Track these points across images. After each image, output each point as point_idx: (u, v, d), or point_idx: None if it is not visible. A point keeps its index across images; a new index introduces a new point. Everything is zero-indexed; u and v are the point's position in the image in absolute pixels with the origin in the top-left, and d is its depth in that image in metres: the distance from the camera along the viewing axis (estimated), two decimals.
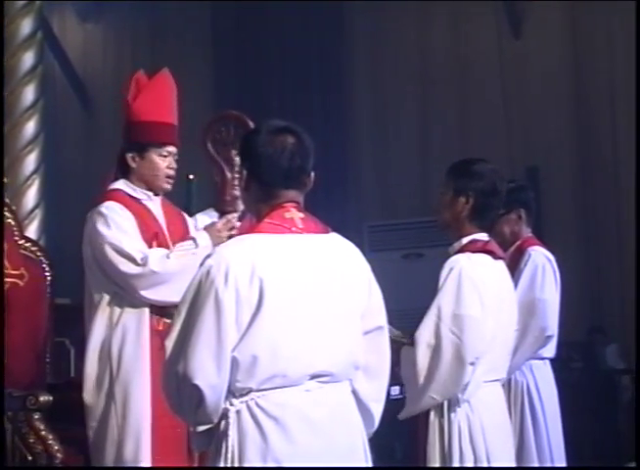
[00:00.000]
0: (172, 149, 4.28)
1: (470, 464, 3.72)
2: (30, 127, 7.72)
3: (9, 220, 4.89)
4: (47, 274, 4.95)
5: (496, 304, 3.81)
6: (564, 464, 5.21)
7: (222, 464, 2.79)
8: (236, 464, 2.77)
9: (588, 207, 10.75)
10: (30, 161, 7.69)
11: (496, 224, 4.08)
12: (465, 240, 3.88)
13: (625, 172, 10.54)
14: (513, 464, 3.96)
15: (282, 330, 2.80)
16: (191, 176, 5.03)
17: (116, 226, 4.12)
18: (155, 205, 4.30)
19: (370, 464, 2.99)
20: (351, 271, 2.97)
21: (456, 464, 3.72)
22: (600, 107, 10.73)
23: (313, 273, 2.88)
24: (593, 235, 10.67)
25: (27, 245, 4.96)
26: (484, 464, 3.73)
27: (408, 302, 5.22)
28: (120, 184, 4.26)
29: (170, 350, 2.83)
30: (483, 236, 3.91)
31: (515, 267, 5.03)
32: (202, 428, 2.85)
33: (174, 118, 4.32)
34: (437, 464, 3.75)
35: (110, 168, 4.38)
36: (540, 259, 5.30)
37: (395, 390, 3.94)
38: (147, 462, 4.02)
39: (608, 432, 9.31)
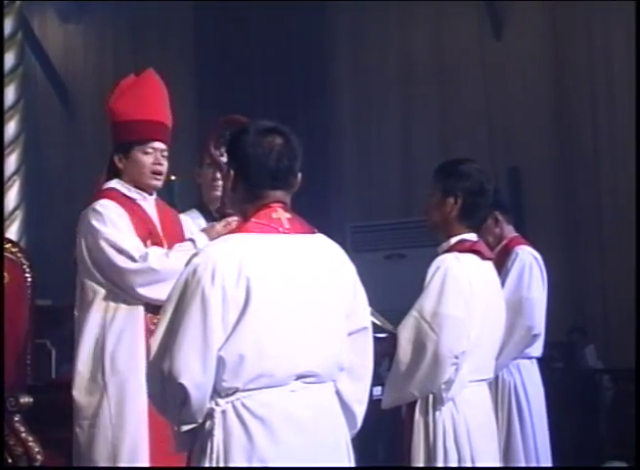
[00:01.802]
0: (158, 145, 4.22)
1: (454, 464, 3.72)
2: (11, 128, 7.71)
3: None
4: (28, 275, 4.92)
5: (483, 304, 3.81)
6: (550, 464, 5.22)
7: (207, 464, 2.78)
8: (221, 464, 2.77)
9: (570, 207, 10.77)
10: (11, 161, 7.67)
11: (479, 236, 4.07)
12: (453, 240, 3.88)
13: (606, 172, 10.58)
14: (497, 464, 3.96)
15: (269, 330, 2.79)
16: (173, 177, 5.02)
17: (112, 223, 4.09)
18: (149, 205, 4.27)
19: (353, 464, 2.99)
20: (337, 272, 2.97)
21: (440, 464, 3.72)
22: (581, 107, 10.77)
23: (300, 273, 2.87)
24: (575, 235, 10.70)
25: (8, 246, 4.93)
26: (468, 464, 3.73)
27: (390, 302, 5.21)
28: (115, 183, 4.23)
29: (156, 348, 2.81)
30: (472, 236, 3.91)
31: (502, 266, 5.04)
32: (186, 428, 2.85)
33: (160, 116, 4.26)
34: (422, 464, 3.75)
35: (94, 169, 4.35)
36: (527, 258, 5.32)
37: (378, 390, 3.93)
38: (145, 461, 3.98)
39: (588, 432, 9.34)
